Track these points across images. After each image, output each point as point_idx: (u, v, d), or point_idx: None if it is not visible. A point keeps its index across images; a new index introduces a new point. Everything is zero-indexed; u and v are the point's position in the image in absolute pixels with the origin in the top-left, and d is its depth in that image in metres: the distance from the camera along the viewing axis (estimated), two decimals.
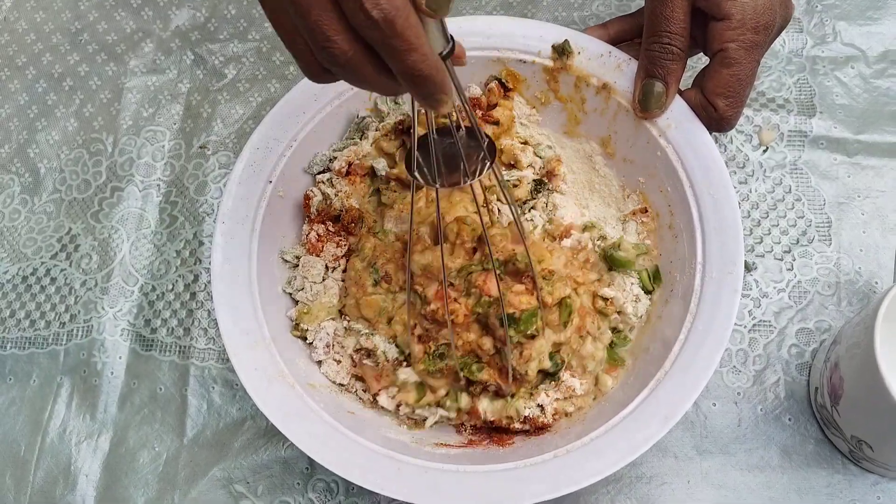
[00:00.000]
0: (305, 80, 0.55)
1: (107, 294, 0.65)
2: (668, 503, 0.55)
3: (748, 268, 0.60)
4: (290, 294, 0.57)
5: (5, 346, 0.65)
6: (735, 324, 0.58)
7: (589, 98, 0.56)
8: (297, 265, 0.57)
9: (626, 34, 0.58)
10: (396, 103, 0.59)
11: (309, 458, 0.57)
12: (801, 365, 0.57)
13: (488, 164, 0.42)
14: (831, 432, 0.54)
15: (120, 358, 0.63)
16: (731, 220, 0.50)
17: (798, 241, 0.61)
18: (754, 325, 0.58)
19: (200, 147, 0.70)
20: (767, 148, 0.64)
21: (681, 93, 0.54)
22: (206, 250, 0.65)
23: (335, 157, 0.58)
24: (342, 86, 0.57)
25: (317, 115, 0.57)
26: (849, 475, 0.54)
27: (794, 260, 0.60)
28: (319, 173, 0.59)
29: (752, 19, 0.50)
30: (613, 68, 0.55)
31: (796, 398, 0.56)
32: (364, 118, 0.59)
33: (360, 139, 0.59)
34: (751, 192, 0.62)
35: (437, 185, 0.42)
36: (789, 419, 0.56)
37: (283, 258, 0.57)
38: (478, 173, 0.42)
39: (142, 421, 0.61)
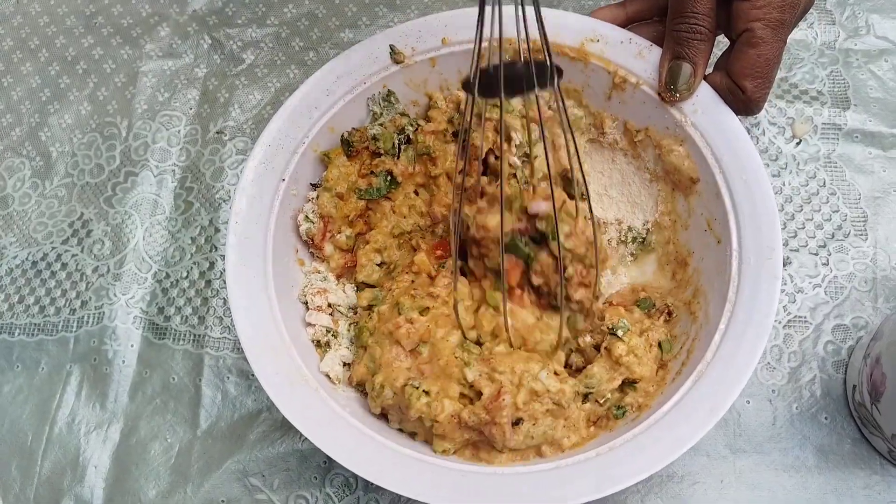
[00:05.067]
0: (318, 73, 0.54)
1: (119, 280, 0.63)
2: (701, 503, 0.53)
3: (783, 262, 0.58)
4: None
5: (13, 333, 0.63)
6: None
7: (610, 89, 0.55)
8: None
9: (645, 13, 0.56)
10: (389, 102, 0.56)
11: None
12: (838, 362, 0.55)
13: (554, 80, 0.42)
14: (870, 431, 0.52)
15: (132, 346, 0.61)
16: (766, 204, 0.48)
17: (833, 236, 0.59)
18: (789, 320, 0.57)
19: (217, 132, 0.68)
20: (801, 141, 0.62)
21: (705, 77, 0.52)
22: (221, 237, 0.64)
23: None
24: (355, 80, 0.55)
25: (329, 110, 0.55)
26: (888, 476, 0.52)
27: (830, 255, 0.58)
28: (315, 185, 0.56)
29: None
30: (635, 55, 0.53)
31: (833, 396, 0.55)
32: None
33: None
34: (784, 185, 0.61)
35: (501, 97, 0.42)
36: (825, 418, 0.54)
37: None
38: (538, 88, 0.42)
39: (154, 411, 0.59)
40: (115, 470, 0.57)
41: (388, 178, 0.56)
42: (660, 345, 0.51)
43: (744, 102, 0.50)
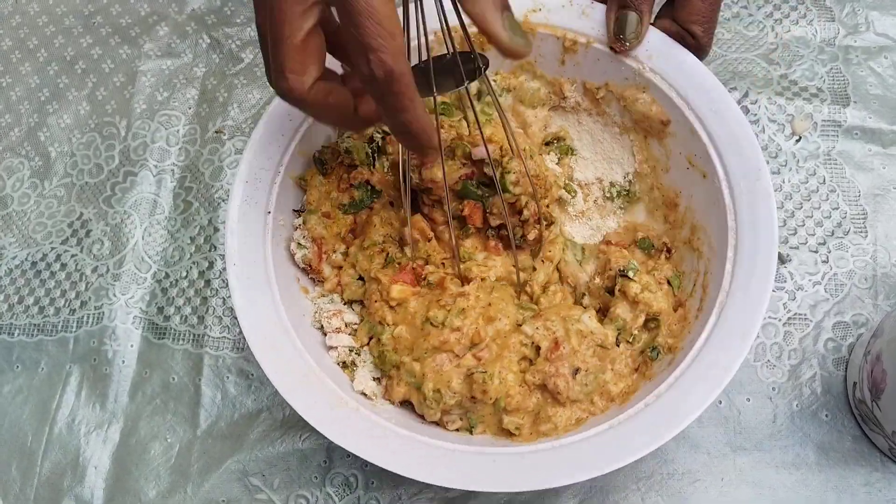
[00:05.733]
0: (276, 100, 0.53)
1: (119, 280, 0.63)
2: (702, 501, 0.53)
3: (782, 259, 0.58)
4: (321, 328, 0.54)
5: (13, 333, 0.63)
6: (769, 317, 0.57)
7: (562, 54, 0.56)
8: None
9: None
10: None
11: (326, 451, 0.56)
12: (838, 359, 0.55)
13: (481, 72, 0.45)
14: (870, 429, 0.52)
15: (131, 346, 0.61)
16: (741, 128, 0.49)
17: (833, 233, 0.59)
18: (789, 318, 0.57)
19: (216, 132, 0.68)
20: (800, 138, 0.62)
21: (653, 24, 0.53)
22: (220, 237, 0.64)
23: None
24: None
25: (295, 134, 0.53)
26: (888, 473, 0.52)
27: (830, 252, 0.58)
28: (299, 211, 0.56)
29: None
30: (579, 16, 0.54)
31: (833, 394, 0.54)
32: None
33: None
34: (784, 182, 0.61)
35: (434, 93, 0.43)
36: (826, 415, 0.54)
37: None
38: (468, 80, 0.44)
39: (154, 411, 0.59)
40: (115, 470, 0.57)
41: (369, 188, 0.55)
42: (669, 282, 0.52)
43: (693, 48, 0.52)
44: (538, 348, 0.49)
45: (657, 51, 0.52)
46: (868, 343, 0.51)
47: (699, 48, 0.52)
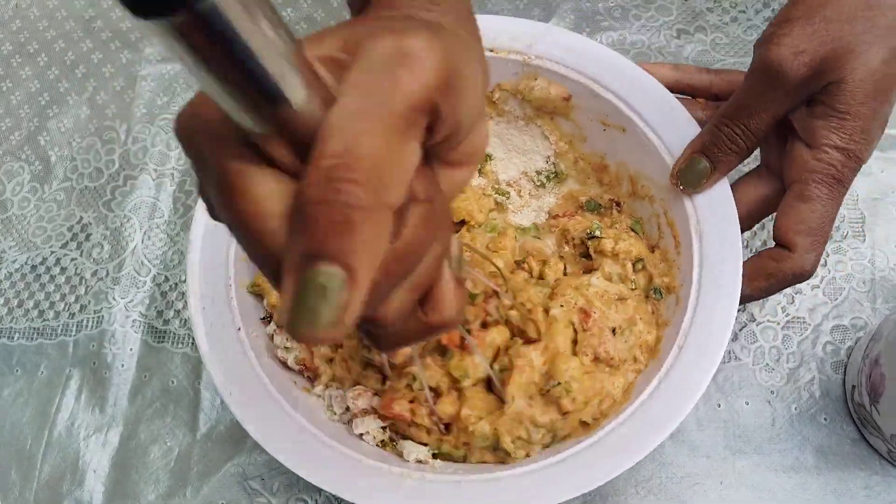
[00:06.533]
0: (198, 212, 0.51)
1: (118, 284, 0.63)
2: None
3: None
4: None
5: (13, 337, 0.63)
6: (768, 320, 0.57)
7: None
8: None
9: (695, 90, 0.54)
10: None
11: None
12: (837, 363, 0.55)
13: None
14: (869, 432, 0.52)
15: (131, 350, 0.61)
16: (634, 71, 0.51)
17: (832, 237, 0.59)
18: (788, 321, 0.57)
19: None
20: None
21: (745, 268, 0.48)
22: None
23: None
24: None
25: (231, 241, 0.50)
26: (888, 477, 0.52)
27: (828, 256, 0.58)
28: (267, 318, 0.53)
29: (841, 161, 0.44)
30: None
31: (832, 397, 0.55)
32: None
33: None
34: None
35: None
36: (825, 419, 0.54)
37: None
38: None
39: (153, 415, 0.59)
40: (114, 474, 0.57)
41: None
42: (633, 229, 0.53)
43: (791, 264, 0.46)
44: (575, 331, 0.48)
45: (535, 39, 0.53)
46: (867, 347, 0.51)
47: (799, 267, 0.46)
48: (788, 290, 0.58)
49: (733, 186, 0.50)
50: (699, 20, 0.68)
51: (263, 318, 0.53)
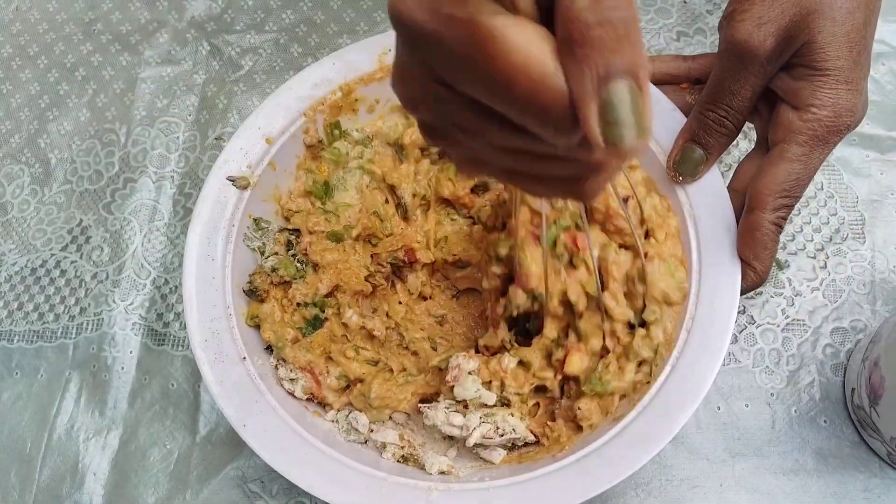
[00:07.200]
0: (192, 233, 0.51)
1: (118, 287, 0.63)
2: None
3: (780, 266, 0.58)
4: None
5: (12, 340, 0.63)
6: (768, 322, 0.57)
7: None
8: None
9: (675, 78, 0.54)
10: (261, 229, 0.54)
11: None
12: (836, 365, 0.55)
13: None
14: (868, 434, 0.52)
15: (131, 353, 0.61)
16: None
17: (831, 239, 0.59)
18: (787, 324, 0.57)
19: (216, 139, 0.68)
20: None
21: (729, 188, 0.50)
22: None
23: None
24: (222, 228, 0.52)
25: (223, 274, 0.51)
26: (887, 479, 0.52)
27: (828, 258, 0.58)
28: (268, 349, 0.53)
29: (830, 117, 0.45)
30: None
31: (832, 399, 0.55)
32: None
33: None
34: None
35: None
36: (825, 421, 0.54)
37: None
38: None
39: (153, 417, 0.59)
40: (114, 476, 0.57)
41: (314, 305, 0.53)
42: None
43: (750, 222, 0.47)
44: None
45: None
46: (866, 349, 0.51)
47: (758, 228, 0.47)
48: (788, 293, 0.58)
49: (738, 167, 0.50)
50: (699, 22, 0.68)
51: (266, 348, 0.53)
